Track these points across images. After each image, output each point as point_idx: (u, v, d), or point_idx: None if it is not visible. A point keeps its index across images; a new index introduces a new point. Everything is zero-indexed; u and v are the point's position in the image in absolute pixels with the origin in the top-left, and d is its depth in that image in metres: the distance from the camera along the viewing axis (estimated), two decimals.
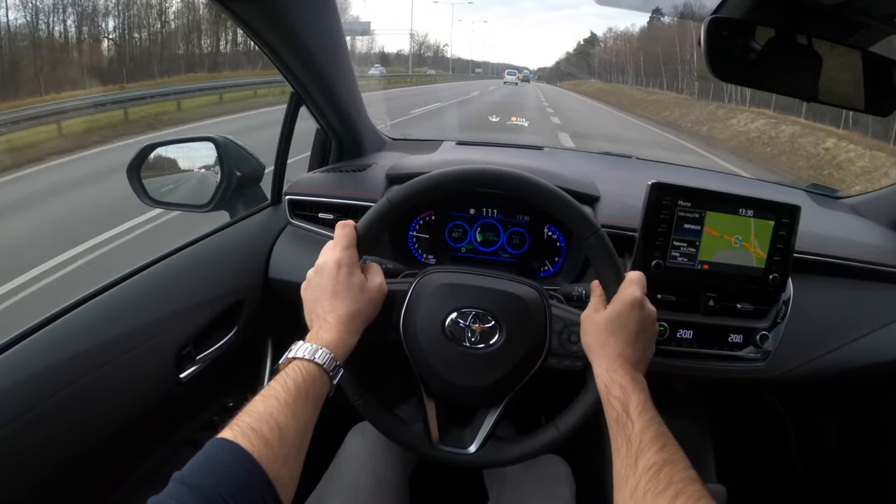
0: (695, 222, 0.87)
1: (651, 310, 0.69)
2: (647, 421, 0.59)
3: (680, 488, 0.52)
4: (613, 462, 0.60)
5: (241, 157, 1.07)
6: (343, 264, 0.68)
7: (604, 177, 1.07)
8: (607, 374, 0.66)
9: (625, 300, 0.68)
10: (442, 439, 0.77)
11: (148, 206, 1.04)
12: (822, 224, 1.08)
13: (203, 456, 0.50)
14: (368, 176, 1.09)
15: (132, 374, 0.79)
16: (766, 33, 0.78)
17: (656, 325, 0.71)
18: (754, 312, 0.92)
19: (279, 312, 1.01)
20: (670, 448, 0.57)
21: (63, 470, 0.71)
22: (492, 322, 0.74)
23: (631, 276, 0.70)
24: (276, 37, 0.85)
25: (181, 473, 0.48)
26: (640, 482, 0.54)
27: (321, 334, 0.64)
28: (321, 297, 0.68)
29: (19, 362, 0.68)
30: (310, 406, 0.58)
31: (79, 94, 11.42)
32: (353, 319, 0.67)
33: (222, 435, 0.51)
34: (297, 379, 0.58)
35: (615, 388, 0.64)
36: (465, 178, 0.73)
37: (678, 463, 0.55)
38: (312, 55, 0.91)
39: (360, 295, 0.68)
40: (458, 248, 1.02)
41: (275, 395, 0.56)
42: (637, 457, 0.56)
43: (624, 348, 0.67)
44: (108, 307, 0.80)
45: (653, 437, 0.57)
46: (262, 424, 0.52)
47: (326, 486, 0.85)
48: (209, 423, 0.98)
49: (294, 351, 0.61)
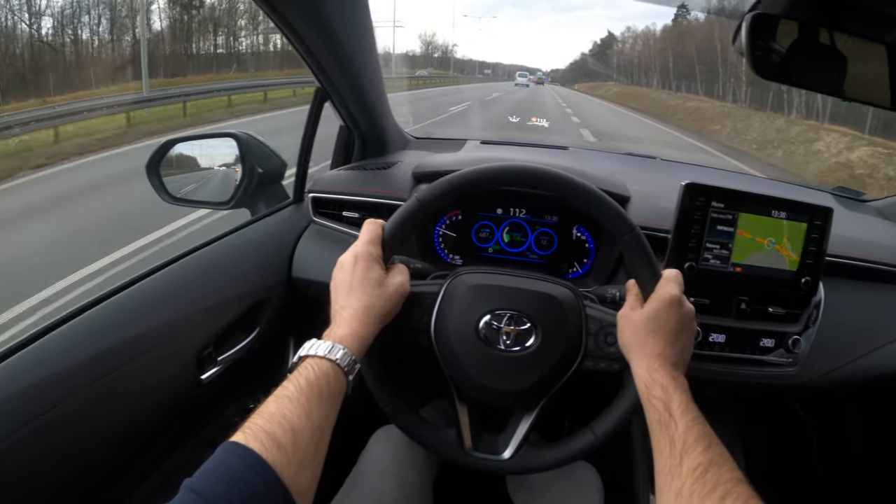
0: (728, 224, 0.85)
1: (689, 308, 0.68)
2: (690, 421, 0.58)
3: (728, 489, 0.50)
4: (655, 463, 0.58)
5: (263, 154, 1.05)
6: (360, 259, 0.66)
7: (631, 177, 1.06)
8: (648, 375, 0.64)
9: (663, 298, 0.66)
10: (475, 446, 0.75)
11: (167, 202, 1.03)
12: (850, 227, 1.07)
13: (214, 461, 0.47)
14: (394, 174, 1.07)
15: (153, 375, 0.78)
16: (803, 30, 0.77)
17: (695, 324, 0.69)
18: (786, 316, 0.90)
19: (301, 312, 1.00)
20: (715, 448, 0.55)
21: (83, 470, 0.69)
22: (527, 324, 0.72)
23: (668, 273, 0.69)
24: (311, 29, 0.83)
25: (191, 480, 0.46)
26: (686, 483, 0.52)
27: (335, 330, 0.63)
28: (339, 295, 0.67)
29: (39, 361, 0.66)
30: (324, 406, 0.55)
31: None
32: (367, 313, 0.65)
33: (234, 438, 0.49)
34: (310, 377, 0.56)
35: (656, 389, 0.62)
36: (498, 175, 0.71)
37: (724, 464, 0.53)
38: (344, 48, 0.90)
39: (376, 289, 0.66)
40: (485, 248, 1.01)
41: (287, 394, 0.53)
42: (682, 457, 0.55)
43: (664, 348, 0.65)
44: (129, 306, 0.78)
45: (697, 438, 0.56)
46: (274, 426, 0.50)
47: (349, 491, 0.83)
48: (230, 424, 0.96)
49: (306, 349, 0.59)
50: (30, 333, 0.68)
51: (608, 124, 14.13)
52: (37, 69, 13.58)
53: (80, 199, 5.08)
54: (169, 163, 1.03)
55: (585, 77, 43.68)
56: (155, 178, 1.01)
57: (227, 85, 13.18)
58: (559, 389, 0.74)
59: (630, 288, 0.72)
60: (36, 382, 0.65)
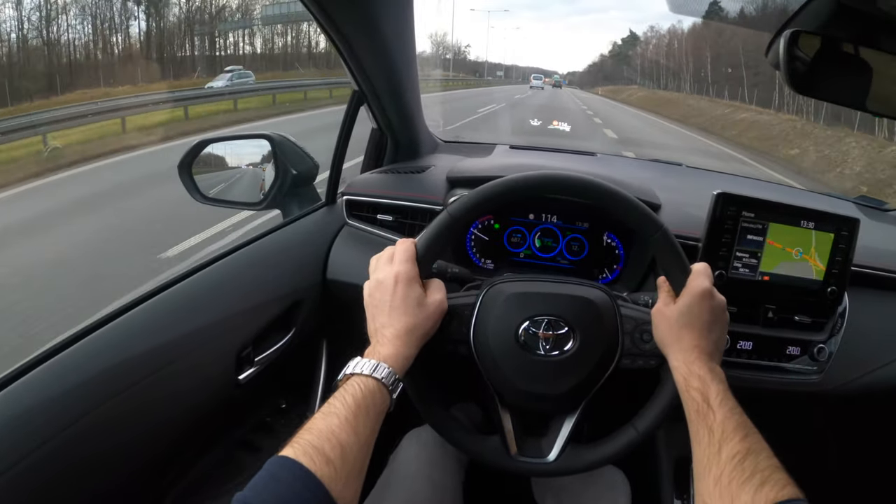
0: (758, 233, 0.87)
1: (721, 299, 0.69)
2: (728, 411, 0.59)
3: (766, 476, 0.52)
4: (694, 452, 0.60)
5: (297, 156, 1.06)
6: (401, 279, 0.67)
7: (659, 184, 1.07)
8: (685, 367, 0.65)
9: (694, 292, 0.68)
10: (520, 450, 0.76)
11: (199, 203, 1.03)
12: (874, 237, 1.08)
13: (264, 475, 0.49)
14: (428, 178, 1.08)
15: (193, 376, 0.78)
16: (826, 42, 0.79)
17: (727, 315, 0.70)
18: (812, 325, 0.92)
19: (335, 314, 1.01)
20: (753, 437, 0.57)
21: (122, 472, 0.70)
22: (565, 328, 0.73)
23: (697, 267, 0.70)
24: (356, 30, 0.84)
25: (243, 494, 0.47)
26: (725, 471, 0.54)
27: (378, 349, 0.64)
28: (379, 313, 0.67)
29: (80, 363, 0.67)
30: (370, 422, 0.57)
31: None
32: (410, 333, 0.66)
33: (283, 453, 0.50)
34: (357, 395, 0.57)
35: (694, 380, 0.63)
36: (529, 185, 0.72)
37: (762, 452, 0.55)
38: (388, 50, 0.91)
39: (417, 310, 0.67)
40: (517, 252, 1.02)
41: (335, 412, 0.55)
42: (720, 446, 0.56)
43: (699, 339, 0.66)
44: (167, 309, 0.79)
45: (735, 427, 0.57)
46: (323, 442, 0.51)
47: (382, 492, 0.84)
48: (263, 423, 0.97)
49: (352, 367, 0.61)
50: (69, 335, 0.69)
51: (647, 137, 12.34)
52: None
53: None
54: (201, 163, 1.04)
55: (605, 80, 41.00)
56: (187, 177, 1.02)
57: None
58: (600, 390, 0.75)
59: (661, 285, 0.73)
60: (76, 385, 0.65)
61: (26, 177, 5.99)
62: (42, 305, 2.94)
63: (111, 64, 14.92)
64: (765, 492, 0.50)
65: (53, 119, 7.63)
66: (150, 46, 16.81)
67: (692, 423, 0.62)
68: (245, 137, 1.07)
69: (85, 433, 0.64)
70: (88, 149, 7.15)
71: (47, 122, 7.38)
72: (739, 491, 0.52)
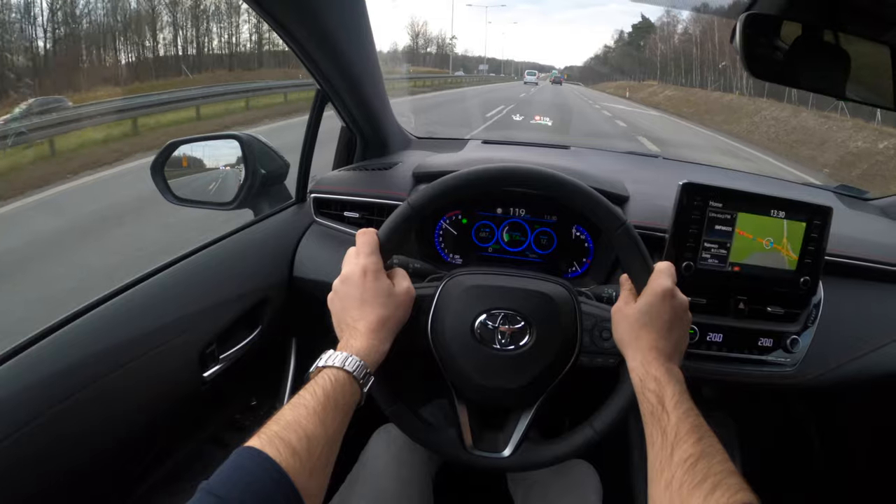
0: (726, 223, 0.86)
1: (683, 299, 0.68)
2: (682, 413, 0.58)
3: (718, 481, 0.50)
4: (648, 455, 0.59)
5: (266, 155, 1.06)
6: (369, 271, 0.67)
7: (632, 177, 1.06)
8: (642, 368, 0.65)
9: (655, 291, 0.67)
10: (476, 444, 0.76)
11: (172, 204, 1.04)
12: (852, 226, 1.06)
13: (230, 465, 0.49)
14: (395, 174, 1.08)
15: (156, 372, 0.79)
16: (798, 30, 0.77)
17: (689, 315, 0.69)
18: (785, 316, 0.90)
19: (303, 311, 1.01)
20: (707, 440, 0.55)
21: (86, 468, 0.71)
22: (521, 322, 0.73)
23: (660, 266, 0.69)
24: (307, 32, 0.84)
25: (208, 483, 0.47)
26: (676, 474, 0.53)
27: (351, 342, 0.64)
28: (349, 307, 0.67)
29: (43, 359, 0.68)
30: (339, 415, 0.57)
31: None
32: (384, 326, 0.66)
33: (250, 443, 0.50)
34: (327, 387, 0.57)
35: (650, 381, 0.63)
36: (489, 177, 0.72)
37: (715, 455, 0.54)
38: (343, 51, 0.91)
39: (388, 300, 0.67)
40: (485, 247, 1.01)
41: (303, 403, 0.55)
42: (673, 449, 0.55)
43: (657, 340, 0.66)
44: (133, 304, 0.79)
45: (689, 430, 0.56)
46: (289, 433, 0.51)
47: (350, 489, 0.84)
48: (232, 421, 0.98)
49: (324, 360, 0.61)
50: (34, 333, 0.70)
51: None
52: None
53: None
54: (173, 164, 1.04)
55: (601, 77, 34.87)
56: (160, 179, 1.03)
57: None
58: (557, 386, 0.75)
59: (623, 283, 0.73)
60: (40, 381, 0.66)
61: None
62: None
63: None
64: (716, 497, 0.49)
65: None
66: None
67: (647, 424, 0.61)
68: (215, 138, 1.07)
69: (48, 429, 0.65)
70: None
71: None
72: (690, 496, 0.50)
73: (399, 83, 17.02)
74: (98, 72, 13.22)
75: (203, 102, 9.55)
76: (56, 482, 0.67)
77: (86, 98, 9.22)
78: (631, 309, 0.68)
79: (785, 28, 0.78)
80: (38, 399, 0.65)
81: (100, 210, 4.44)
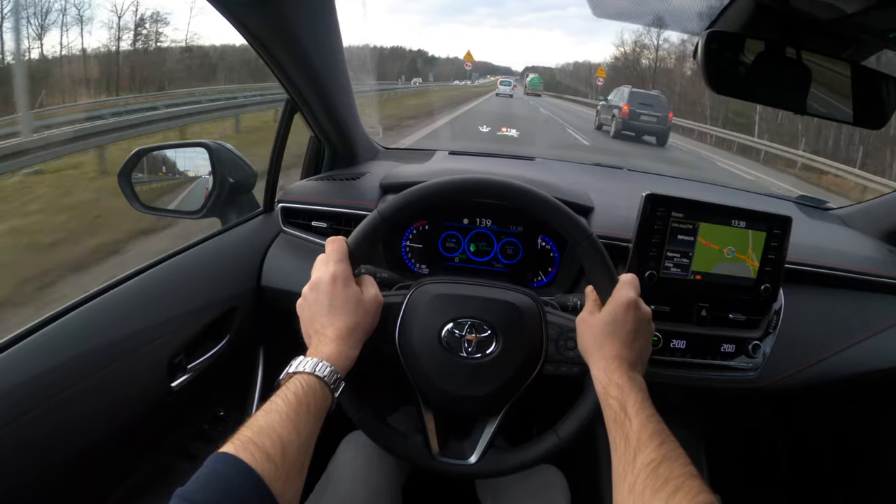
0: (688, 233, 0.88)
1: (646, 310, 0.70)
2: (644, 419, 0.60)
3: (679, 483, 0.51)
4: (612, 461, 0.60)
5: (234, 164, 1.06)
6: (338, 278, 0.67)
7: (596, 187, 1.08)
8: (605, 376, 0.66)
9: (619, 302, 0.68)
10: (442, 451, 0.77)
11: (140, 211, 1.03)
12: (812, 235, 1.09)
13: (205, 471, 0.48)
14: (362, 184, 1.08)
15: (123, 382, 0.78)
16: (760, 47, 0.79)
17: (652, 325, 0.71)
18: (746, 322, 0.93)
19: (271, 320, 1.00)
20: (668, 444, 0.57)
21: (52, 478, 0.69)
22: (488, 331, 0.73)
23: (624, 278, 0.71)
24: (276, 42, 0.84)
25: (183, 489, 0.47)
26: (639, 478, 0.54)
27: (321, 348, 0.64)
28: (318, 314, 0.67)
29: (7, 368, 0.66)
30: (311, 420, 0.57)
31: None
32: (353, 333, 0.66)
33: (223, 449, 0.50)
34: (298, 392, 0.57)
35: (613, 389, 0.64)
36: (456, 188, 0.73)
37: (677, 459, 0.55)
38: (312, 61, 0.90)
39: (356, 307, 0.67)
40: (452, 258, 1.02)
41: (276, 408, 0.55)
42: (635, 454, 0.56)
43: (620, 349, 0.67)
44: (100, 313, 0.78)
45: (651, 435, 0.57)
46: (263, 438, 0.51)
47: (319, 496, 0.84)
48: (200, 431, 0.97)
49: (294, 366, 0.61)
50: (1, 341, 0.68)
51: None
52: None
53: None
54: (141, 172, 1.03)
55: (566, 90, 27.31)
56: (127, 186, 1.01)
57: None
58: (523, 394, 0.76)
59: (588, 294, 0.74)
60: (4, 391, 0.64)
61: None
62: None
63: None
64: (677, 499, 0.50)
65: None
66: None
67: (610, 431, 0.62)
68: (183, 146, 1.06)
69: (10, 439, 0.63)
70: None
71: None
72: (652, 498, 0.51)
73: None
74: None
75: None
76: (17, 493, 0.65)
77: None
78: (595, 319, 0.69)
79: (748, 45, 0.80)
80: (1, 409, 0.64)
81: None
